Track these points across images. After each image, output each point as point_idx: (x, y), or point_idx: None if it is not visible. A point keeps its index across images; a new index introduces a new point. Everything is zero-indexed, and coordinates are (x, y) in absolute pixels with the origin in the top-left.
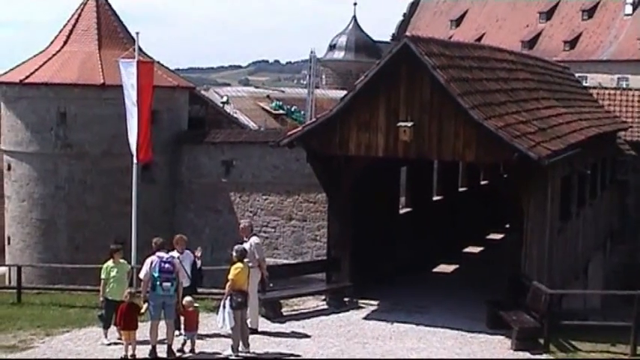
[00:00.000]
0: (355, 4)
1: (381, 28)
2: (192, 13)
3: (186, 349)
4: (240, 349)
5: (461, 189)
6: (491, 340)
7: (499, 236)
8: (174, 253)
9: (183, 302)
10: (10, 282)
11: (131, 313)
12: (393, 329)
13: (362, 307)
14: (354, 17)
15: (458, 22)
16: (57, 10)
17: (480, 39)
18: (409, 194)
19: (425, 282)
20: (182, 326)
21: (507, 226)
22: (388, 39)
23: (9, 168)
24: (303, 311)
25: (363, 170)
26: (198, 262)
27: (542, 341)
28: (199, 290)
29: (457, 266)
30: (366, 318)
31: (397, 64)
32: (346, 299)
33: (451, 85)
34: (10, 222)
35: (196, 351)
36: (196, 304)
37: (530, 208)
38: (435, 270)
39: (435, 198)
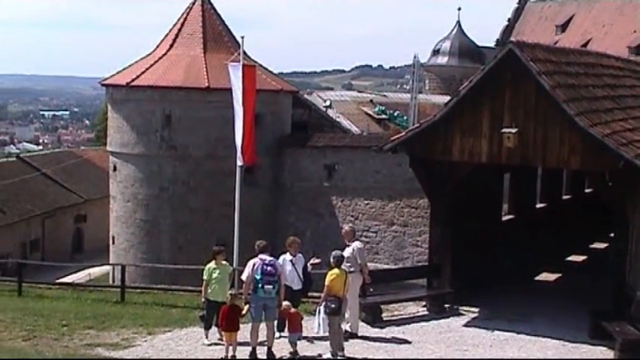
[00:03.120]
0: (459, 9)
1: (485, 33)
2: (296, 18)
3: (290, 351)
4: (338, 353)
5: (565, 197)
6: (594, 350)
7: (603, 245)
8: (287, 256)
9: (282, 306)
10: (113, 281)
11: (232, 314)
12: (493, 337)
13: (462, 314)
14: (458, 22)
15: (563, 27)
16: (163, 14)
17: (585, 45)
18: (512, 201)
19: (526, 290)
20: (285, 328)
21: (612, 235)
22: (492, 44)
23: (115, 169)
24: (403, 317)
25: (466, 176)
26: (309, 267)
27: None
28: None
29: (559, 275)
30: (466, 325)
31: (502, 70)
32: (447, 306)
33: (557, 92)
34: (115, 222)
35: (298, 353)
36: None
37: (635, 217)
38: (537, 278)
39: (539, 205)
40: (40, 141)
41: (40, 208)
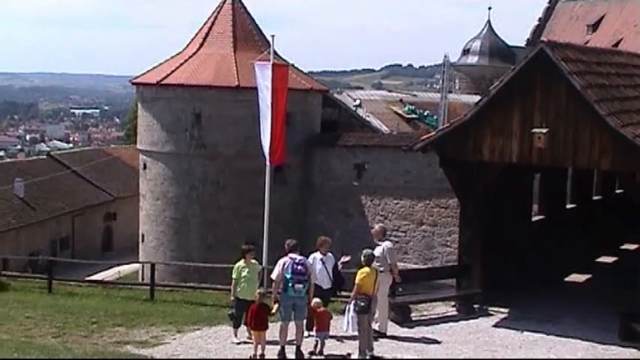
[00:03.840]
0: (490, 8)
1: (516, 33)
2: (326, 17)
3: (317, 350)
4: (367, 352)
5: (595, 197)
6: (623, 352)
7: (634, 246)
8: (318, 255)
9: (312, 304)
10: (143, 279)
11: (262, 313)
12: (522, 338)
13: (492, 315)
14: (489, 22)
15: (594, 27)
16: (193, 13)
17: (617, 44)
18: (542, 202)
19: (556, 291)
20: (314, 327)
21: None
22: (523, 44)
23: (144, 167)
24: (432, 317)
25: (496, 176)
26: (340, 266)
27: None
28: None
29: (589, 276)
30: (495, 326)
31: (533, 70)
32: (476, 306)
33: (588, 92)
34: (145, 220)
35: (325, 352)
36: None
37: None
38: (566, 279)
39: (569, 206)
40: (71, 139)
41: (70, 205)
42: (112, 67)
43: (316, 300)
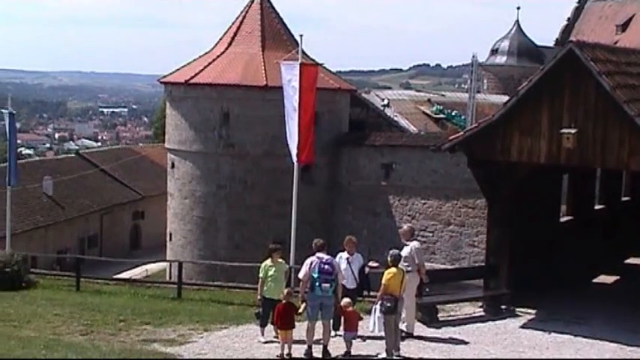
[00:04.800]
0: (519, 8)
1: (545, 33)
2: (354, 17)
3: (345, 350)
4: (394, 353)
5: (624, 198)
6: None
7: None
8: (344, 254)
9: (342, 303)
10: (170, 277)
11: (288, 312)
12: (550, 339)
13: (519, 316)
14: (517, 21)
15: (624, 27)
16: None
17: None
18: (570, 202)
19: (584, 292)
20: (341, 327)
21: None
22: (551, 44)
23: (172, 166)
24: (459, 317)
25: (525, 176)
26: (367, 269)
27: None
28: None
29: (618, 277)
30: (523, 327)
31: (561, 70)
32: (503, 307)
33: (617, 92)
34: (172, 219)
35: (352, 352)
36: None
37: None
38: (595, 280)
39: (597, 207)
40: (99, 137)
41: (98, 204)
42: (141, 66)
43: (346, 300)
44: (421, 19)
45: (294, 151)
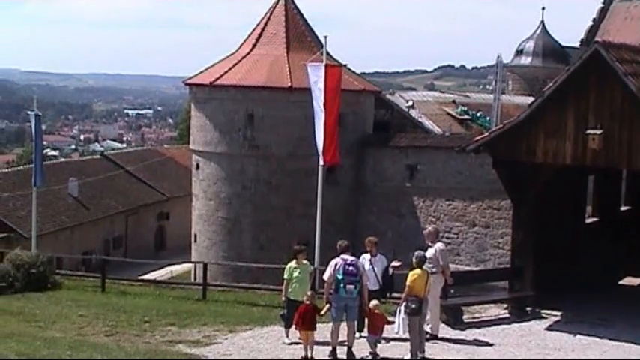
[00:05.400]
0: (543, 8)
1: (570, 34)
2: (379, 18)
3: (370, 351)
4: (419, 354)
5: None
6: None
7: None
8: (367, 256)
9: (370, 305)
10: (195, 278)
11: (310, 314)
12: (575, 341)
13: (544, 317)
14: (542, 22)
15: None
16: (246, 14)
17: None
18: (596, 203)
19: (609, 294)
20: (364, 328)
21: None
22: (577, 45)
23: (197, 167)
24: (484, 319)
25: (550, 178)
26: (390, 270)
27: None
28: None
29: None
30: (548, 328)
31: (587, 71)
32: (528, 308)
33: None
34: (197, 220)
35: (378, 354)
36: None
37: None
38: (620, 282)
39: (623, 208)
40: (124, 139)
41: (123, 205)
42: (165, 67)
43: (374, 302)
44: (445, 20)
45: (321, 152)
